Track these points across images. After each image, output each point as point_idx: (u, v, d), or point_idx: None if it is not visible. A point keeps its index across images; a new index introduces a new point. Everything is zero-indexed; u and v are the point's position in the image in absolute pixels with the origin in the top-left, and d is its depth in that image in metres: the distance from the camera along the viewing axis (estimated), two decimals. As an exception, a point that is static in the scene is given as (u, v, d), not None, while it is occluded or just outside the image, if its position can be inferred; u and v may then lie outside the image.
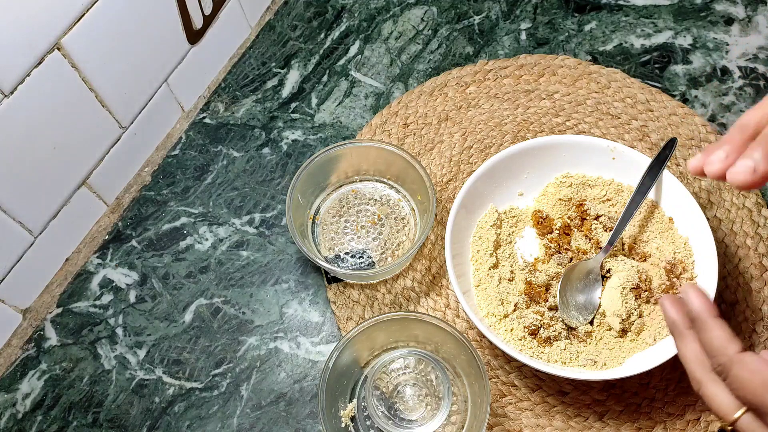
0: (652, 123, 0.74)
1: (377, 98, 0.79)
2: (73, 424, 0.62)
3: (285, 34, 0.84)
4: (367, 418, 0.60)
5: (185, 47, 0.73)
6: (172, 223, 0.72)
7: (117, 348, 0.66)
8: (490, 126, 0.75)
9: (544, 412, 0.61)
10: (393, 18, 0.85)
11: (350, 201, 0.71)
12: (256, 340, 0.66)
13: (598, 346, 0.61)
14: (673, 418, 0.61)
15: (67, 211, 0.67)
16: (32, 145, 0.59)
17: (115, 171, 0.71)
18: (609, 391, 0.62)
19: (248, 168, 0.75)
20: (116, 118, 0.68)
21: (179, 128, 0.78)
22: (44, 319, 0.67)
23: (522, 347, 0.60)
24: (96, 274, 0.69)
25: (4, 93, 0.54)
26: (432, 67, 0.81)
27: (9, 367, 0.65)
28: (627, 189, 0.67)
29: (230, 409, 0.63)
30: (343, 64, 0.81)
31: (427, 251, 0.69)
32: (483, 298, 0.63)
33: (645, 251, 0.65)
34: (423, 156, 0.74)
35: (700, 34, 0.81)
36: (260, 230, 0.71)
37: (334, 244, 0.68)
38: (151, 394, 0.63)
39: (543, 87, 0.78)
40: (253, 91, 0.80)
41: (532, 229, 0.68)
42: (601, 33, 0.82)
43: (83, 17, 0.59)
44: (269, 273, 0.69)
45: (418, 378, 0.61)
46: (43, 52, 0.56)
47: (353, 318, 0.66)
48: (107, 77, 0.64)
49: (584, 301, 0.62)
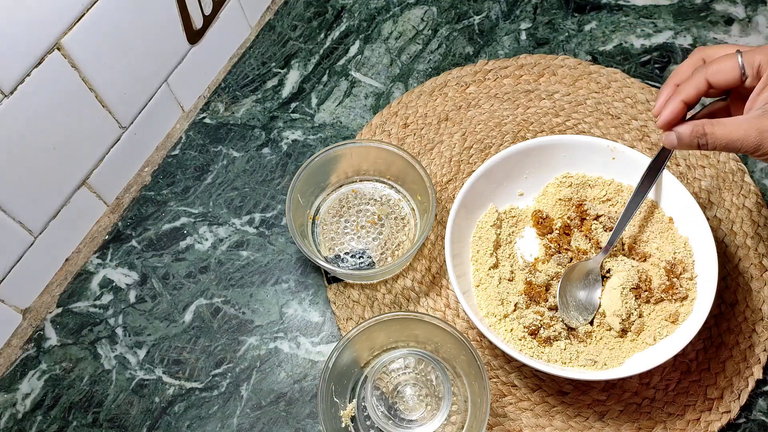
0: (652, 123, 0.74)
1: (377, 98, 0.79)
2: (73, 424, 0.62)
3: (285, 34, 0.84)
4: (367, 418, 0.60)
5: (185, 47, 0.73)
6: (172, 223, 0.72)
7: (117, 348, 0.66)
8: (490, 126, 0.75)
9: (544, 412, 0.61)
10: (393, 18, 0.85)
11: (350, 201, 0.71)
12: (256, 340, 0.66)
13: (598, 346, 0.61)
14: (673, 418, 0.61)
15: (67, 211, 0.67)
16: (32, 145, 0.59)
17: (115, 171, 0.71)
18: (609, 391, 0.62)
19: (248, 168, 0.75)
20: (116, 118, 0.68)
21: (179, 128, 0.78)
22: (44, 319, 0.67)
23: (522, 347, 0.60)
24: (96, 274, 0.69)
25: (4, 93, 0.54)
26: (432, 67, 0.81)
27: (9, 367, 0.65)
28: (627, 189, 0.67)
29: (230, 409, 0.63)
30: (343, 64, 0.81)
31: (427, 251, 0.69)
32: (483, 298, 0.63)
33: (645, 251, 0.65)
34: (423, 156, 0.74)
35: (700, 34, 0.81)
36: (260, 230, 0.71)
37: (334, 244, 0.68)
38: (151, 394, 0.63)
39: (543, 87, 0.78)
40: (253, 91, 0.80)
41: (532, 229, 0.68)
42: (601, 33, 0.82)
43: (83, 17, 0.59)
44: (269, 273, 0.69)
45: (418, 378, 0.61)
46: (43, 52, 0.56)
47: (353, 318, 0.66)
48: (107, 77, 0.64)
49: (584, 301, 0.62)
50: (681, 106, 0.51)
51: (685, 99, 0.51)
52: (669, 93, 0.52)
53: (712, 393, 0.62)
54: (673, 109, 0.51)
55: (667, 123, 0.51)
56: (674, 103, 0.51)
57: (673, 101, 0.51)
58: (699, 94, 0.50)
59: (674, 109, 0.51)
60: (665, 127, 0.52)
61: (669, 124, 0.51)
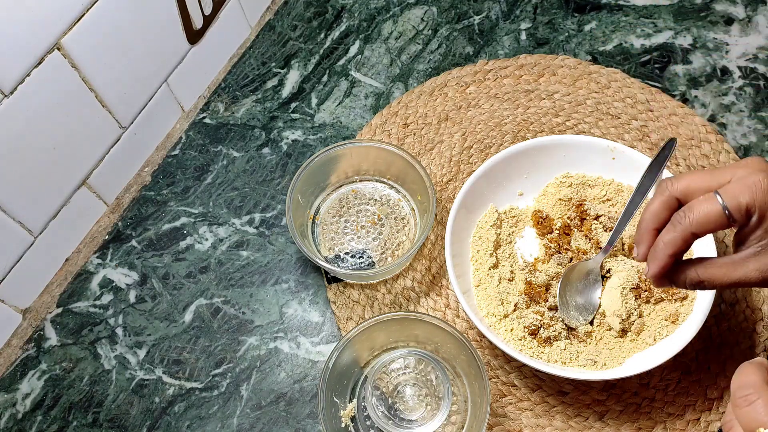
0: (652, 123, 0.74)
1: (377, 98, 0.79)
2: (73, 424, 0.62)
3: (285, 34, 0.84)
4: (367, 418, 0.60)
5: (185, 47, 0.73)
6: (172, 223, 0.72)
7: (117, 348, 0.66)
8: (490, 126, 0.75)
9: (544, 412, 0.61)
10: (393, 18, 0.85)
11: (350, 201, 0.71)
12: (256, 340, 0.66)
13: (598, 346, 0.61)
14: (673, 418, 0.61)
15: (67, 211, 0.67)
16: (32, 145, 0.59)
17: (115, 171, 0.71)
18: (609, 391, 0.62)
19: (248, 168, 0.75)
20: (116, 118, 0.68)
21: (179, 128, 0.78)
22: (44, 319, 0.67)
23: (522, 347, 0.60)
24: (96, 274, 0.69)
25: (4, 93, 0.54)
26: (432, 67, 0.81)
27: (9, 367, 0.65)
28: (627, 189, 0.67)
29: (230, 409, 0.63)
30: (343, 64, 0.81)
31: (427, 251, 0.69)
32: (483, 298, 0.63)
33: (645, 251, 0.65)
34: (423, 156, 0.74)
35: (700, 34, 0.81)
36: (260, 230, 0.71)
37: (334, 244, 0.68)
38: (151, 394, 0.63)
39: (543, 87, 0.78)
40: (253, 91, 0.80)
41: (532, 229, 0.68)
42: (601, 33, 0.82)
43: (83, 17, 0.59)
44: (269, 273, 0.69)
45: (418, 378, 0.61)
46: (43, 52, 0.56)
47: (353, 318, 0.66)
48: (107, 77, 0.64)
49: (584, 301, 0.62)
50: (669, 260, 0.47)
51: (673, 252, 0.47)
52: (650, 240, 0.49)
53: (712, 393, 0.62)
54: (663, 264, 0.47)
55: (657, 276, 0.48)
56: (661, 257, 0.47)
57: (659, 255, 0.47)
58: (687, 245, 0.47)
59: (663, 263, 0.47)
60: (656, 279, 0.49)
61: (659, 276, 0.49)
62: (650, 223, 0.49)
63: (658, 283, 0.49)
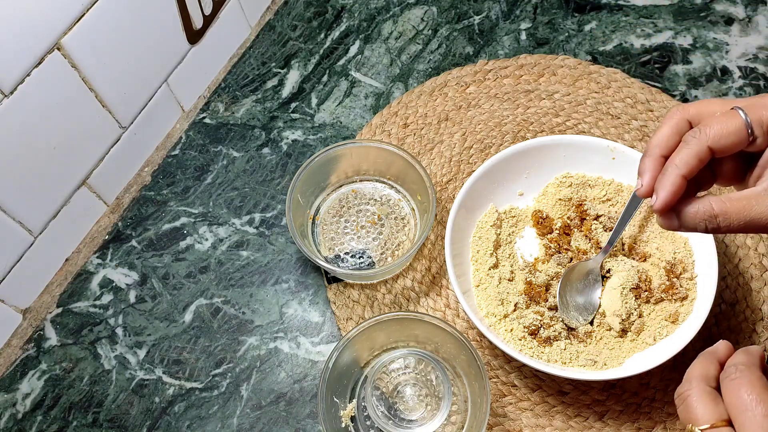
0: (652, 123, 0.74)
1: (377, 98, 0.79)
2: (73, 424, 0.62)
3: (285, 34, 0.84)
4: (367, 418, 0.60)
5: (185, 47, 0.73)
6: (172, 223, 0.72)
7: (117, 348, 0.66)
8: (490, 126, 0.75)
9: (544, 412, 0.61)
10: (393, 18, 0.85)
11: (350, 201, 0.71)
12: (256, 340, 0.66)
13: (598, 346, 0.61)
14: (673, 418, 0.61)
15: (67, 211, 0.67)
16: (32, 145, 0.59)
17: (115, 171, 0.71)
18: (609, 391, 0.62)
19: (248, 168, 0.75)
20: (116, 118, 0.68)
21: (179, 128, 0.78)
22: (44, 319, 0.67)
23: (522, 347, 0.60)
24: (96, 274, 0.69)
25: (4, 93, 0.54)
26: (432, 67, 0.81)
27: (9, 367, 0.65)
28: (627, 189, 0.67)
29: (230, 409, 0.63)
30: (343, 64, 0.81)
31: (427, 251, 0.69)
32: (483, 298, 0.63)
33: (645, 251, 0.65)
34: (423, 156, 0.74)
35: (700, 34, 0.81)
36: (260, 230, 0.71)
37: (334, 244, 0.68)
38: (151, 394, 0.63)
39: (543, 87, 0.78)
40: (253, 91, 0.80)
41: (532, 229, 0.68)
42: (601, 33, 0.82)
43: (83, 17, 0.59)
44: (269, 273, 0.69)
45: (418, 378, 0.61)
46: (43, 52, 0.56)
47: (353, 318, 0.66)
48: (107, 77, 0.64)
49: (584, 301, 0.62)
50: (681, 183, 0.40)
51: (686, 173, 0.40)
52: (656, 167, 0.42)
53: (712, 393, 0.61)
54: (674, 188, 0.40)
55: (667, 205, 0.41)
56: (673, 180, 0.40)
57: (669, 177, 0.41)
58: (702, 164, 0.41)
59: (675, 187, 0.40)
60: (664, 210, 0.41)
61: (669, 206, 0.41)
62: (657, 149, 0.42)
63: (666, 218, 0.42)
